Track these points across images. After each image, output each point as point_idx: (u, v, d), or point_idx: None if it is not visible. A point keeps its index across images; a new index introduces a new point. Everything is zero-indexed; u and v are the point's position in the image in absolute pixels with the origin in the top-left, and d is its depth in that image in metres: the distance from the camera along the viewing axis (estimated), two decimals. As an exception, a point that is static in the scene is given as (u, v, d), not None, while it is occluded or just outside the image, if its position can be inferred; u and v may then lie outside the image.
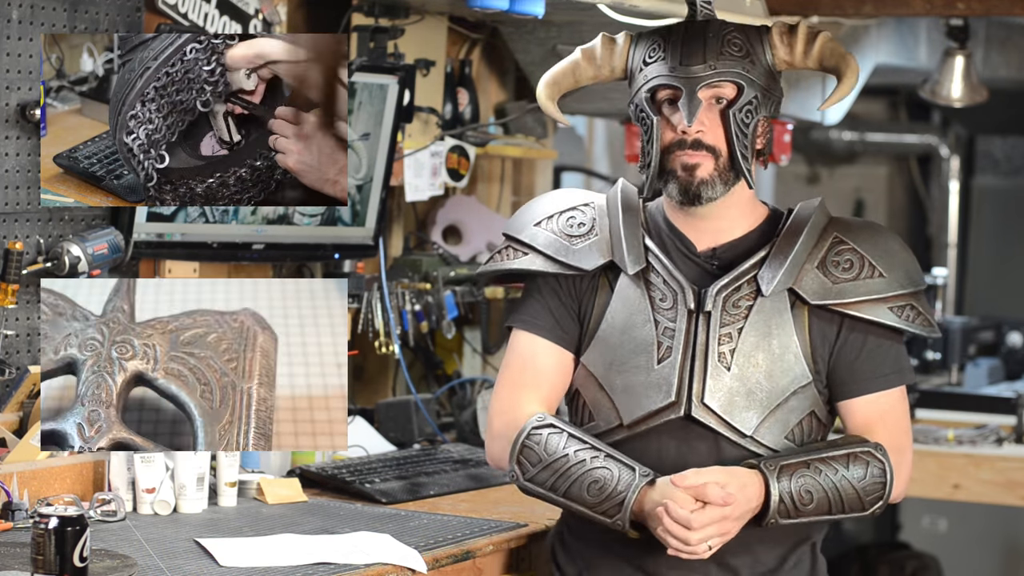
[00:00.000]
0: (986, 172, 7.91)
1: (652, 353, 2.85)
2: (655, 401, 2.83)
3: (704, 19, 2.88)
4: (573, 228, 2.95)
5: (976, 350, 5.98)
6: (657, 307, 2.87)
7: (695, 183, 2.82)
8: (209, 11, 3.52)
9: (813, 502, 2.77)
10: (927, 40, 6.04)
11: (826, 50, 2.87)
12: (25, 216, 3.28)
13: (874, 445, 2.83)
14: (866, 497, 2.81)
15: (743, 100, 2.81)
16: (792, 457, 2.78)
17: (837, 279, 2.85)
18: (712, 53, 2.81)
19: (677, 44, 2.83)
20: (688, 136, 2.81)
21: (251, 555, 2.82)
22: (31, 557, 2.44)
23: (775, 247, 2.87)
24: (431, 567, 2.91)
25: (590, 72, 2.94)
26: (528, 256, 2.95)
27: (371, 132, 3.82)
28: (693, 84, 2.80)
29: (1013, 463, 4.77)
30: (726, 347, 2.83)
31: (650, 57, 2.86)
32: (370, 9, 3.85)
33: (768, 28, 2.88)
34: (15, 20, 3.22)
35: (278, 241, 3.71)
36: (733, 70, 2.81)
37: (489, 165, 4.60)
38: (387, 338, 3.98)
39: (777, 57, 2.86)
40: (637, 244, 2.90)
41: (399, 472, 3.53)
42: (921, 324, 2.88)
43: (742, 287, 2.85)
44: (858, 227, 2.93)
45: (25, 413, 3.20)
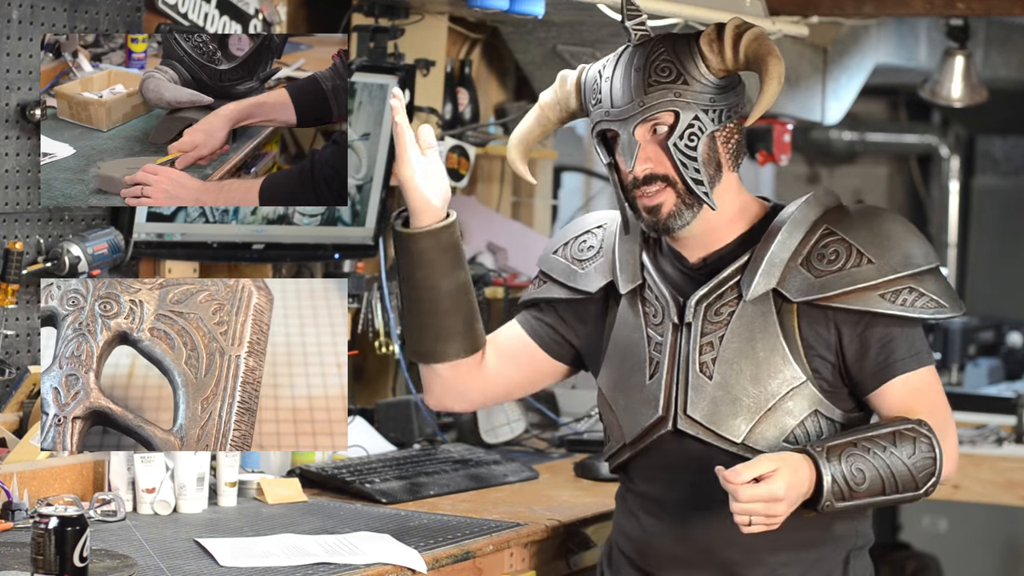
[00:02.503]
0: (986, 172, 7.90)
1: (645, 369, 2.85)
2: (647, 417, 2.83)
3: (640, 43, 2.79)
4: (583, 252, 3.01)
5: (976, 350, 5.98)
6: (650, 323, 2.87)
7: (662, 220, 2.79)
8: (209, 11, 3.52)
9: (866, 481, 2.63)
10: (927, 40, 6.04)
11: (749, 51, 2.75)
12: (25, 216, 3.28)
13: (917, 421, 2.69)
14: (918, 474, 2.66)
15: (681, 127, 2.74)
16: (837, 438, 2.66)
17: (820, 272, 2.77)
18: (639, 88, 2.75)
19: (610, 82, 2.79)
20: (637, 176, 2.77)
21: (251, 555, 2.82)
22: (31, 557, 2.44)
23: (756, 250, 2.81)
24: (431, 567, 2.90)
25: (554, 118, 2.94)
26: (546, 284, 3.04)
27: (371, 132, 3.82)
28: (627, 126, 2.75)
29: (1013, 463, 4.77)
30: (707, 356, 2.80)
31: (592, 99, 2.83)
32: (370, 9, 3.85)
33: (698, 36, 2.78)
34: (15, 20, 3.22)
35: (278, 241, 3.71)
36: (663, 99, 2.74)
37: (489, 165, 4.60)
38: (387, 338, 3.98)
39: (711, 66, 2.76)
40: (633, 262, 2.91)
41: (399, 472, 3.53)
42: (924, 307, 2.76)
43: (724, 294, 2.81)
44: (854, 215, 2.83)
45: (25, 413, 3.20)
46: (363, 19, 3.87)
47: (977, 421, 5.12)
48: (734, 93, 2.80)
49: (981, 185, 7.90)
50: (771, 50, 2.74)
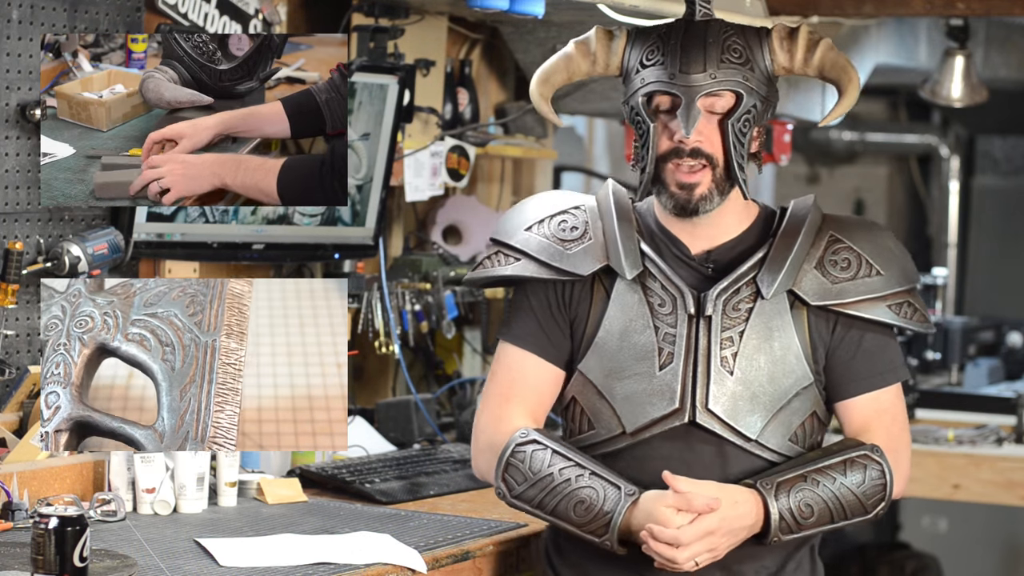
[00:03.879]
0: (986, 172, 7.91)
1: (653, 359, 2.83)
2: (659, 408, 2.82)
3: (703, 20, 2.82)
4: (566, 232, 2.90)
5: (976, 350, 5.98)
6: (656, 312, 2.85)
7: (694, 200, 2.79)
8: (209, 11, 3.52)
9: (814, 515, 2.77)
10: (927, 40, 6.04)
11: (827, 60, 2.82)
12: (25, 216, 3.28)
13: (870, 447, 2.82)
14: (867, 501, 2.80)
15: (742, 109, 2.77)
16: (788, 472, 2.77)
17: (836, 279, 2.84)
18: (712, 60, 2.76)
19: (676, 49, 2.78)
20: (686, 146, 2.77)
21: (251, 555, 2.82)
22: (31, 557, 2.44)
23: (773, 248, 2.84)
24: (431, 567, 2.91)
25: (584, 67, 2.88)
26: (520, 262, 2.91)
27: (371, 132, 3.82)
28: (692, 93, 2.75)
29: (1013, 463, 4.76)
30: (728, 351, 2.82)
31: (648, 59, 2.81)
32: (370, 9, 3.85)
33: (768, 31, 2.83)
34: (15, 20, 3.22)
35: (278, 241, 3.71)
36: (733, 79, 2.77)
37: (489, 165, 4.60)
38: (387, 338, 3.98)
39: (776, 63, 2.82)
40: (633, 248, 2.87)
41: (399, 472, 3.53)
42: (918, 321, 2.87)
43: (741, 290, 2.83)
44: (853, 225, 2.91)
45: (25, 413, 3.20)
46: (363, 19, 3.87)
47: (977, 421, 5.12)
48: (777, 96, 2.86)
49: (981, 185, 7.90)
50: (848, 60, 2.83)
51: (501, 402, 2.90)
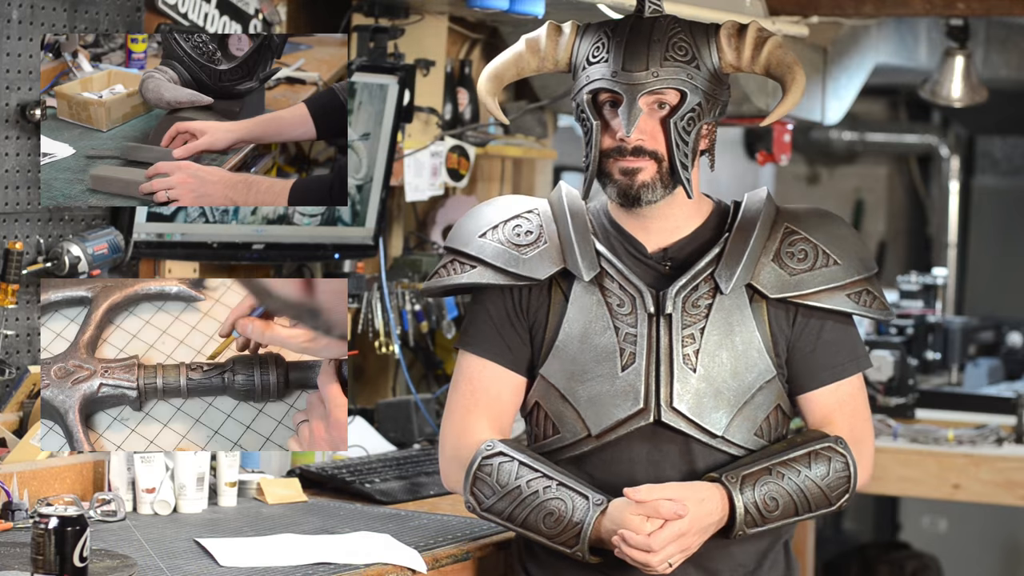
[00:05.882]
0: (986, 172, 7.91)
1: (615, 360, 2.81)
2: (623, 409, 2.81)
3: (652, 16, 2.80)
4: (520, 237, 2.88)
5: (976, 350, 5.98)
6: (616, 313, 2.83)
7: (635, 187, 2.78)
8: (209, 11, 3.52)
9: (779, 508, 2.76)
10: (927, 40, 6.05)
11: (774, 58, 2.79)
12: (25, 216, 3.28)
13: (834, 439, 2.82)
14: (831, 493, 2.80)
15: (685, 108, 2.76)
16: (753, 465, 2.76)
17: (794, 271, 2.83)
18: (655, 58, 2.75)
19: (621, 45, 2.76)
20: (627, 144, 2.76)
21: (251, 555, 2.82)
22: (31, 557, 2.44)
23: (729, 243, 2.83)
24: (431, 567, 2.91)
25: (533, 63, 2.87)
26: (476, 269, 2.89)
27: (371, 132, 3.82)
28: (634, 92, 2.74)
29: (1013, 463, 4.77)
30: (690, 348, 2.80)
31: (593, 56, 2.79)
32: (370, 9, 3.85)
33: (717, 28, 2.80)
34: (15, 20, 3.22)
35: (278, 241, 3.71)
36: (677, 77, 2.75)
37: (489, 165, 4.60)
38: (387, 338, 3.98)
39: (724, 60, 2.79)
40: (589, 249, 2.85)
41: (399, 472, 3.53)
42: (877, 308, 2.86)
43: (700, 286, 2.82)
44: (808, 216, 2.90)
45: (25, 413, 3.20)
46: (363, 19, 3.87)
47: (977, 421, 5.12)
48: (727, 93, 2.84)
49: (981, 185, 7.90)
50: (796, 59, 2.81)
51: (464, 413, 2.89)
